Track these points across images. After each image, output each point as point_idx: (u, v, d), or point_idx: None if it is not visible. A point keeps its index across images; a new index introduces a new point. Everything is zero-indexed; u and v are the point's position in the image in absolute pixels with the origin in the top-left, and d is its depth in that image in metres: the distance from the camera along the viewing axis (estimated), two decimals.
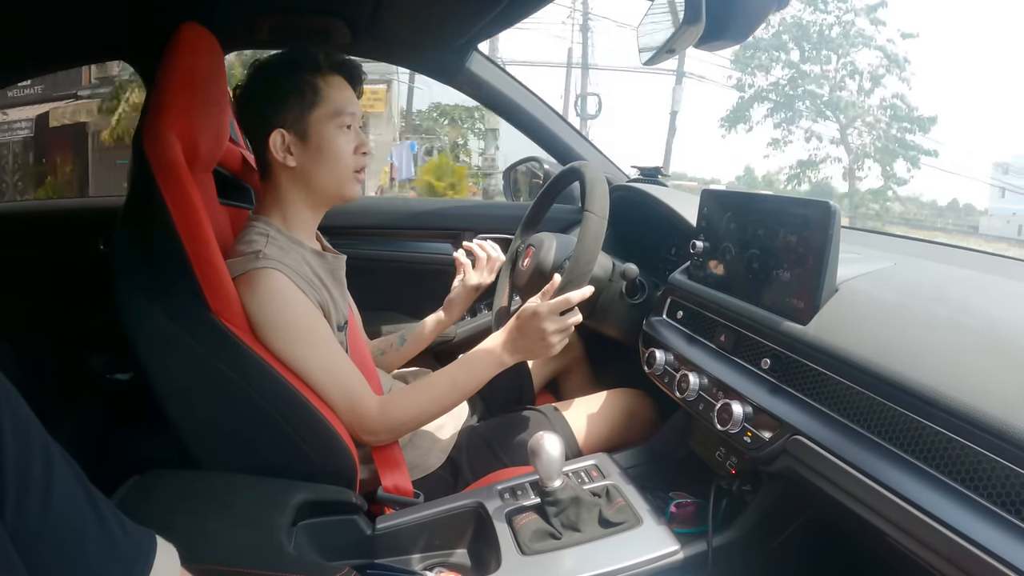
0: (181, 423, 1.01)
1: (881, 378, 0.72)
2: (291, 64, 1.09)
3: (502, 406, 1.41)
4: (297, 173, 1.09)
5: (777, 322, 0.89)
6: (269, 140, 1.06)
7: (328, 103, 1.08)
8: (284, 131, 1.07)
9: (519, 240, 1.49)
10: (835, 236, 0.83)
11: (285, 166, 1.08)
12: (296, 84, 1.07)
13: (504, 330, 1.12)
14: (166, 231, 0.94)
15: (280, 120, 1.06)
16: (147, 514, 0.76)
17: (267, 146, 1.07)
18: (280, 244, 1.07)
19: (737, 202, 1.06)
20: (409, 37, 1.57)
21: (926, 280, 0.92)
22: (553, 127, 1.80)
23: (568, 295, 1.08)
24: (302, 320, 1.04)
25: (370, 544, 1.00)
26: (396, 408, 1.09)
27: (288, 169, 1.09)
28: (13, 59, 1.49)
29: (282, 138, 1.07)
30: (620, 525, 0.97)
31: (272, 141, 1.06)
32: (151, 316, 0.97)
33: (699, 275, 1.13)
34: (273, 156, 1.07)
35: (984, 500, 0.60)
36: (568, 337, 1.11)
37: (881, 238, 1.46)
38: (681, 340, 1.11)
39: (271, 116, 1.07)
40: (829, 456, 0.75)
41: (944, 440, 0.64)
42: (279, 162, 1.08)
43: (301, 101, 1.07)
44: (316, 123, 1.07)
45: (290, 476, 0.99)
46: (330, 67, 1.10)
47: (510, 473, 1.15)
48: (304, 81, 1.07)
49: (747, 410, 0.89)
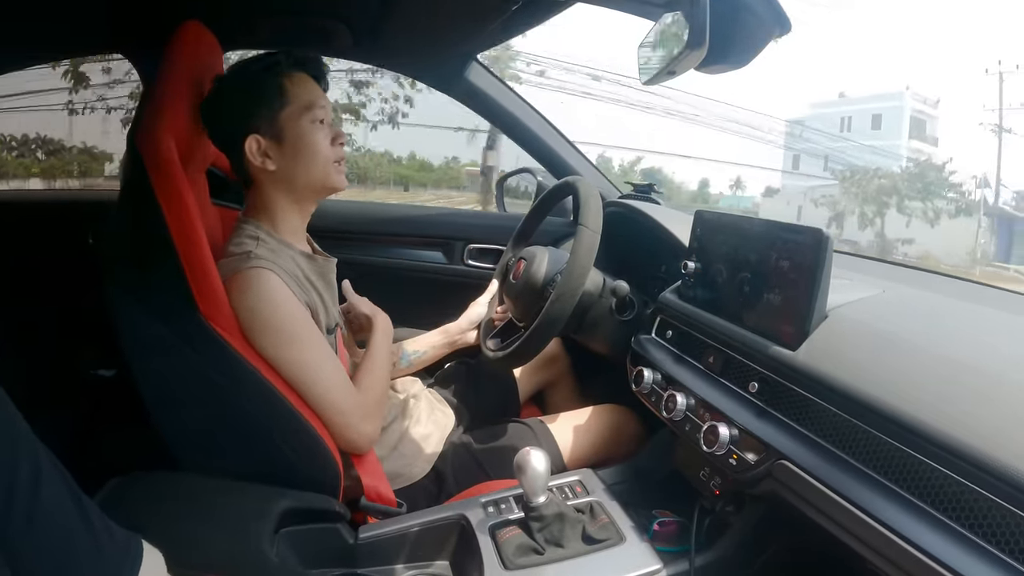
0: (165, 424, 1.00)
1: (867, 406, 0.73)
2: (252, 70, 1.07)
3: (488, 417, 1.41)
4: (278, 176, 1.08)
5: (766, 346, 0.90)
6: (244, 147, 1.05)
7: (297, 100, 1.06)
8: (258, 136, 1.05)
9: (511, 253, 1.49)
10: (827, 263, 0.84)
11: (265, 170, 1.07)
12: (261, 88, 1.05)
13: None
14: (159, 232, 0.93)
15: (253, 126, 1.05)
16: (129, 517, 0.75)
17: (243, 154, 1.05)
18: (270, 246, 1.06)
19: (730, 225, 1.07)
20: (410, 44, 1.57)
21: (915, 309, 0.94)
22: (548, 140, 1.81)
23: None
24: (293, 321, 1.03)
25: (352, 553, 1.00)
26: (368, 395, 1.12)
27: (268, 173, 1.07)
28: (13, 48, 1.48)
29: (257, 143, 1.05)
30: (603, 542, 0.97)
31: (248, 148, 1.05)
32: (139, 316, 0.97)
33: (689, 295, 1.14)
34: (251, 162, 1.06)
35: (966, 530, 0.61)
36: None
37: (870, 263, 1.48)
38: (669, 359, 1.12)
39: (241, 123, 1.05)
40: (813, 481, 0.76)
41: (927, 470, 0.65)
42: (258, 167, 1.06)
43: (270, 103, 1.05)
44: (288, 121, 1.06)
45: (274, 482, 0.98)
46: (292, 65, 1.08)
47: (495, 486, 1.15)
48: (268, 84, 1.05)
49: (733, 432, 0.90)
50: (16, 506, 0.44)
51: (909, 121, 24.59)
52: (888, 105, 24.96)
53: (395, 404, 1.28)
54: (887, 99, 25.17)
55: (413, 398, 1.33)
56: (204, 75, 1.08)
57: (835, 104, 26.68)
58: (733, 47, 0.87)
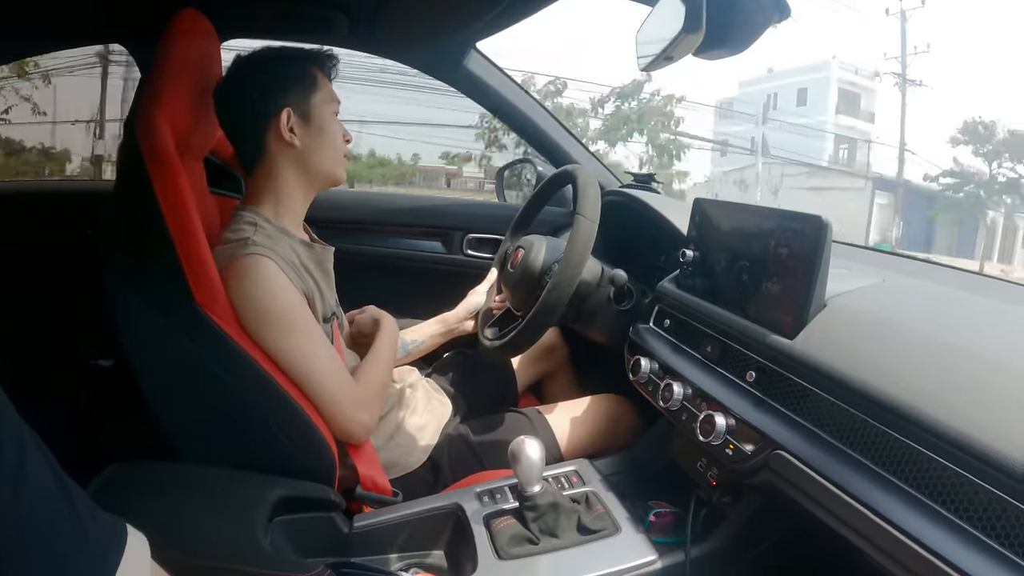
0: (162, 413, 1.00)
1: (865, 396, 0.72)
2: (287, 52, 1.14)
3: (485, 407, 1.40)
4: (298, 153, 1.10)
5: (764, 335, 0.89)
6: (275, 120, 1.07)
7: (325, 89, 1.13)
8: (291, 110, 1.08)
9: (509, 242, 1.48)
10: (826, 251, 0.83)
11: (288, 146, 1.09)
12: (297, 69, 1.10)
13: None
14: (154, 221, 0.93)
15: (286, 100, 1.08)
16: (124, 503, 0.74)
17: (268, 128, 1.08)
18: (268, 232, 1.06)
19: (729, 213, 1.06)
20: (408, 33, 1.56)
21: (915, 299, 0.93)
22: (548, 129, 1.79)
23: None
24: (290, 309, 1.03)
25: (347, 542, 0.99)
26: (367, 386, 1.12)
27: (289, 150, 1.09)
28: (9, 37, 1.48)
29: (288, 117, 1.08)
30: (598, 532, 0.97)
31: (280, 120, 1.08)
32: (136, 305, 0.97)
33: (688, 284, 1.13)
34: (278, 136, 1.08)
35: (964, 523, 0.60)
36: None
37: (868, 253, 1.47)
38: (667, 349, 1.11)
39: (276, 100, 1.08)
40: (810, 472, 0.75)
41: (925, 460, 0.64)
42: (283, 141, 1.08)
43: (303, 84, 1.10)
44: (318, 106, 1.11)
45: (269, 470, 0.98)
46: (320, 58, 1.14)
47: (490, 476, 1.15)
48: (303, 66, 1.11)
49: (730, 422, 0.89)
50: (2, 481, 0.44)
51: (837, 94, 22.12)
52: (814, 78, 22.38)
53: (392, 394, 1.27)
54: (813, 71, 22.50)
55: (410, 387, 1.33)
56: (201, 63, 1.08)
57: (763, 80, 23.56)
58: (731, 32, 0.86)
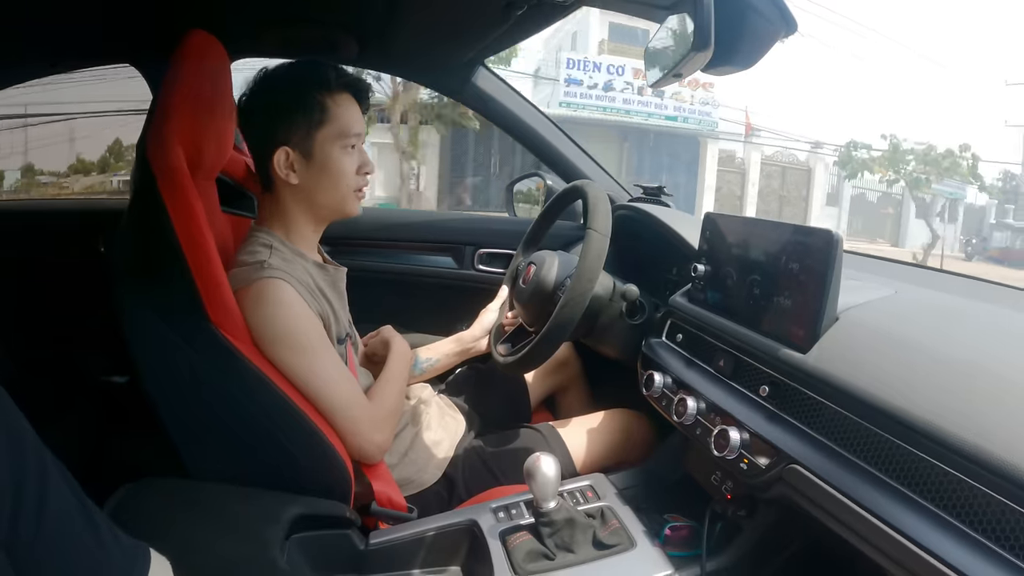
0: (176, 431, 1.00)
1: (879, 410, 0.72)
2: (299, 80, 1.08)
3: (499, 423, 1.41)
4: (299, 190, 1.09)
5: (776, 349, 0.89)
6: (273, 157, 1.06)
7: (335, 123, 1.07)
8: (288, 149, 1.06)
9: (520, 257, 1.49)
10: (837, 264, 0.83)
11: (287, 183, 1.08)
12: (304, 102, 1.06)
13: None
14: (167, 240, 0.94)
15: (285, 138, 1.06)
16: (140, 523, 0.75)
17: (271, 162, 1.07)
18: (283, 255, 1.07)
19: (739, 227, 1.06)
20: (417, 52, 1.58)
21: (928, 311, 0.92)
22: (557, 144, 1.80)
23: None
24: (307, 330, 1.04)
25: (363, 559, 1.00)
26: (380, 406, 1.12)
27: (290, 186, 1.08)
28: (19, 59, 1.50)
29: (286, 156, 1.06)
30: (614, 547, 0.97)
31: (276, 158, 1.06)
32: (149, 323, 0.97)
33: (700, 298, 1.13)
34: (276, 172, 1.07)
35: (980, 536, 0.60)
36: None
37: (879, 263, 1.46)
38: (680, 363, 1.11)
39: (276, 133, 1.06)
40: (825, 486, 0.75)
41: (941, 474, 0.64)
42: (281, 179, 1.07)
43: (308, 120, 1.06)
44: (322, 143, 1.07)
45: (285, 489, 0.98)
46: (339, 85, 1.09)
47: (505, 491, 1.15)
48: (312, 99, 1.06)
49: (744, 437, 0.89)
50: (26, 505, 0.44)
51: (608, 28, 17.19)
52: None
53: (405, 410, 1.28)
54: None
55: (423, 404, 1.33)
56: (212, 83, 1.09)
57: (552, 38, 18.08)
58: (739, 48, 0.87)
